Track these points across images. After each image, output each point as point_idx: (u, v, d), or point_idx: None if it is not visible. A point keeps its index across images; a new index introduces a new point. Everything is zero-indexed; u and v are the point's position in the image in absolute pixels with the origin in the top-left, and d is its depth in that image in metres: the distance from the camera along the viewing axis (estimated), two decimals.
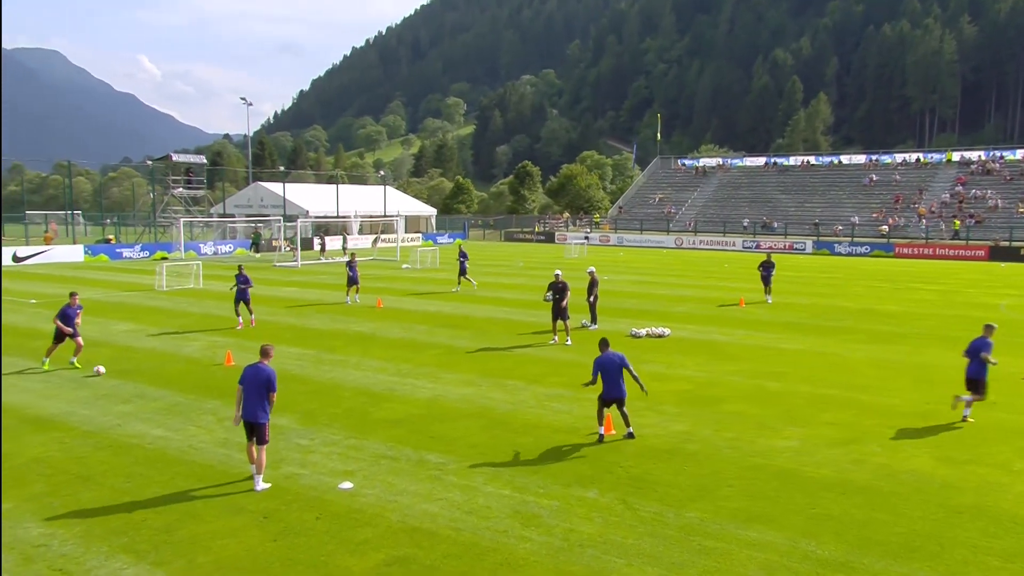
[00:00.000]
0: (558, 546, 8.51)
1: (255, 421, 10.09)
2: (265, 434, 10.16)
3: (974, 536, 8.79)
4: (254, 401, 10.12)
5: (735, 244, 67.33)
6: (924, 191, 72.44)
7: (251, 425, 10.14)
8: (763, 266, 29.32)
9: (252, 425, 10.13)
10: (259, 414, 10.09)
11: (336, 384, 15.97)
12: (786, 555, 8.28)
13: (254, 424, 10.11)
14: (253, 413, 10.09)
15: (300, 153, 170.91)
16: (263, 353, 10.58)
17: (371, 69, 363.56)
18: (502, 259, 53.82)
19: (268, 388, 10.18)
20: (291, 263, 46.73)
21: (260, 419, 10.09)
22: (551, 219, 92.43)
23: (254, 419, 10.08)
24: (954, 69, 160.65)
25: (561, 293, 20.37)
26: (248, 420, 10.13)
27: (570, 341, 20.49)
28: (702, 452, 11.70)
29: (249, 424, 10.15)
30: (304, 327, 23.29)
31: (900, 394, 15.26)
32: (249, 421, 10.12)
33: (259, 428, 10.10)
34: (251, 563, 8.07)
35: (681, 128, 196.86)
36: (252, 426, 10.14)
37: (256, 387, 10.16)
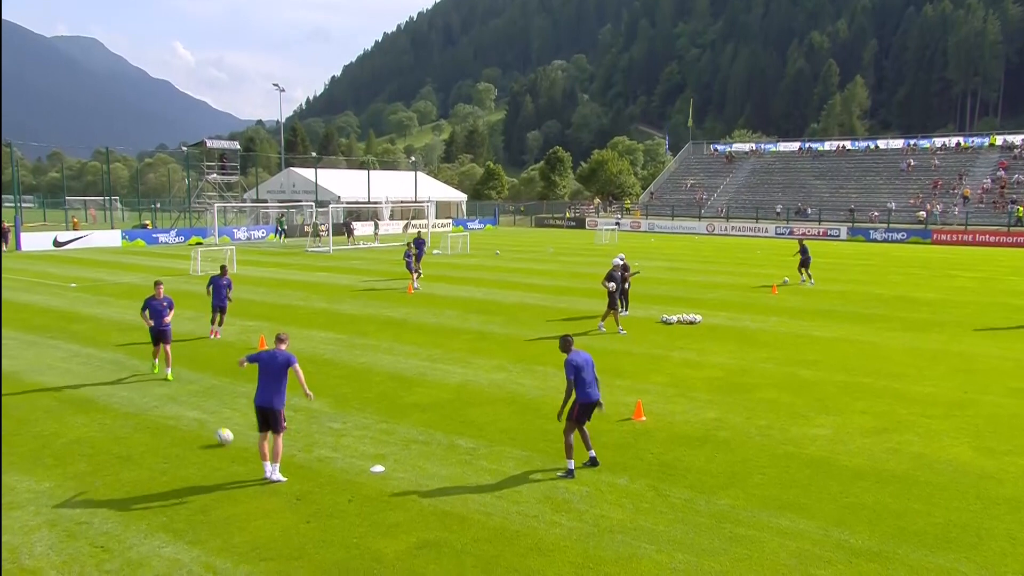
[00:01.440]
0: (588, 531, 8.53)
1: (270, 407, 9.77)
2: (280, 421, 9.87)
3: (1013, 527, 8.64)
4: (271, 387, 9.84)
5: (768, 231, 66.56)
6: (964, 176, 70.90)
7: (265, 412, 9.80)
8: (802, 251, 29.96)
9: (267, 412, 9.79)
10: (275, 400, 9.80)
11: (368, 369, 16.11)
12: (818, 544, 8.22)
13: (268, 411, 9.78)
14: (268, 399, 9.78)
15: (332, 139, 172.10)
16: (278, 340, 10.33)
17: (402, 55, 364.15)
18: (533, 245, 53.77)
19: (286, 371, 9.92)
20: (323, 248, 47.12)
21: (276, 405, 9.79)
22: (582, 205, 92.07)
23: (269, 405, 9.77)
24: (998, 51, 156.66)
25: (621, 280, 19.93)
26: (263, 406, 9.80)
27: (613, 329, 20.03)
28: (734, 439, 11.63)
29: (263, 411, 9.81)
30: (336, 312, 23.50)
31: (937, 383, 15.02)
32: (263, 407, 9.80)
33: (274, 415, 9.79)
34: (285, 543, 8.20)
35: (714, 113, 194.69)
36: (267, 413, 9.80)
37: (274, 372, 9.89)
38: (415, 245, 30.35)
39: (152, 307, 15.01)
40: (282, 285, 29.94)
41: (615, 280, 19.90)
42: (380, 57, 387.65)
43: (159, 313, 14.96)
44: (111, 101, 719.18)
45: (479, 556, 7.96)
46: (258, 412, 9.90)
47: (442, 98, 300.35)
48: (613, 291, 19.79)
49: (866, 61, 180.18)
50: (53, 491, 9.59)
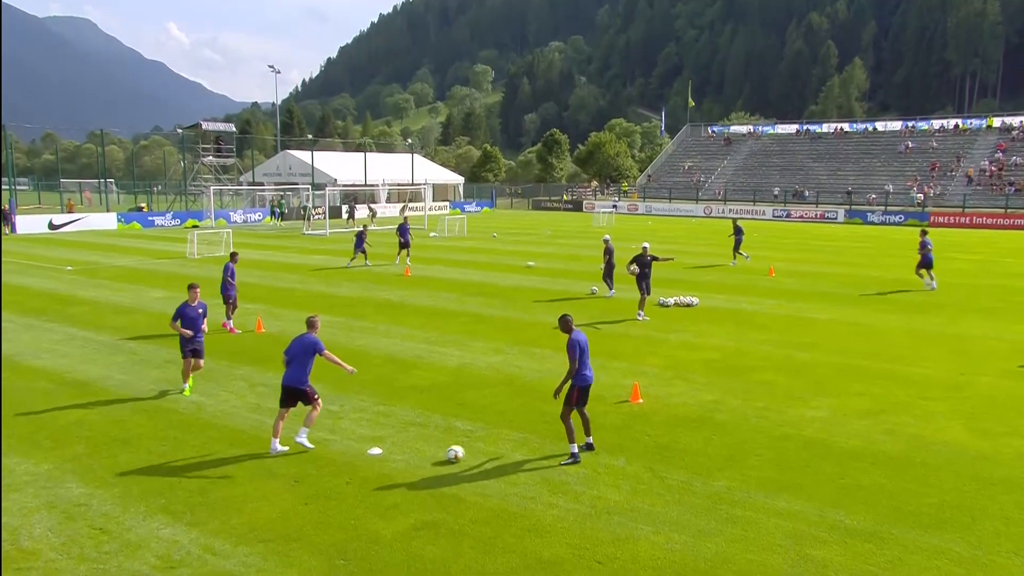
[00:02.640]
0: (585, 513, 8.56)
1: (298, 386, 10.30)
2: (310, 397, 10.39)
3: (1008, 508, 8.70)
4: (299, 369, 10.32)
5: (765, 213, 66.50)
6: (962, 158, 70.80)
7: (293, 391, 10.33)
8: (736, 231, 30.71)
9: (295, 391, 10.33)
10: (304, 379, 10.35)
11: (365, 351, 16.11)
12: (814, 524, 8.26)
13: (297, 390, 10.31)
14: (297, 379, 10.30)
15: (328, 121, 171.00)
16: (310, 325, 10.68)
17: (398, 36, 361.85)
18: (530, 228, 53.69)
19: (314, 353, 10.37)
20: (320, 231, 47.00)
21: (304, 384, 10.34)
22: (579, 188, 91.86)
23: (298, 384, 10.29)
24: (998, 32, 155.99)
25: (649, 266, 19.43)
26: (291, 386, 10.31)
27: (646, 317, 19.45)
28: (730, 421, 11.67)
29: (291, 390, 10.32)
30: (334, 294, 23.48)
31: (933, 365, 15.07)
32: (292, 387, 10.31)
33: (303, 393, 10.35)
34: (283, 525, 8.23)
35: (712, 95, 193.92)
36: (294, 392, 10.33)
37: (302, 355, 10.34)
38: (399, 232, 30.34)
39: (186, 315, 12.79)
40: (280, 268, 29.88)
41: (642, 264, 19.45)
42: (376, 39, 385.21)
43: (194, 321, 12.82)
44: (105, 82, 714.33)
45: (476, 537, 8.00)
46: (285, 391, 10.42)
47: (439, 80, 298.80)
48: (635, 274, 19.52)
49: (865, 43, 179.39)
50: (51, 473, 9.60)
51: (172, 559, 7.53)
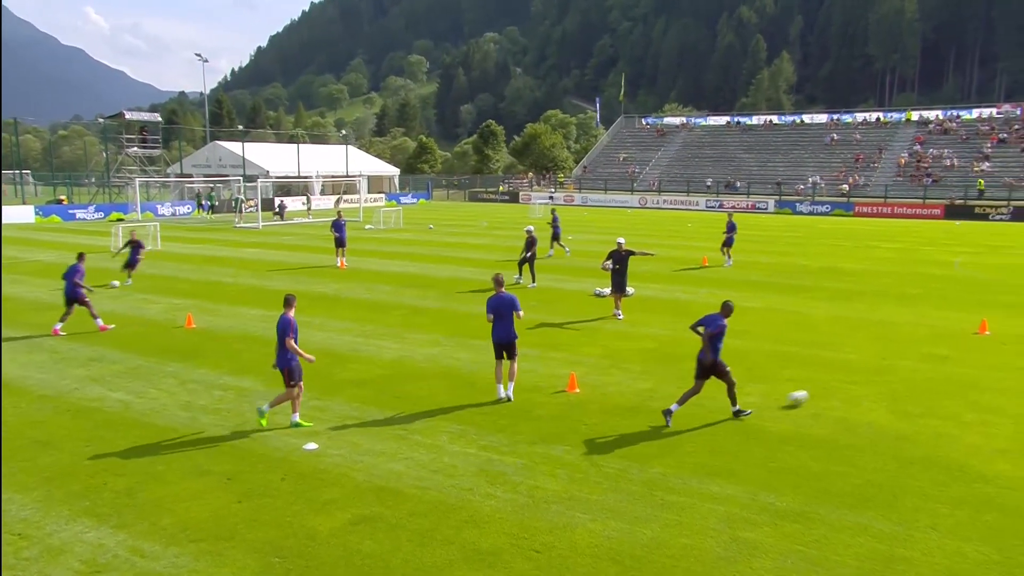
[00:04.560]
0: (523, 503, 8.60)
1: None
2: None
3: (925, 485, 9.06)
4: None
5: (699, 204, 67.73)
6: (884, 150, 73.34)
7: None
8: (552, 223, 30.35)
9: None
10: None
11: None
12: (746, 507, 8.46)
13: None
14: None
15: (259, 112, 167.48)
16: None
17: (331, 25, 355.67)
18: (467, 219, 53.57)
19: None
20: (252, 224, 46.02)
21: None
22: (515, 179, 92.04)
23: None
24: (915, 28, 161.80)
25: (623, 262, 18.55)
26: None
27: (622, 315, 18.72)
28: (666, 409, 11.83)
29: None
30: (266, 288, 23.02)
31: (858, 350, 15.58)
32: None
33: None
34: (215, 524, 8.04)
35: (647, 87, 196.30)
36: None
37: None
38: (334, 227, 28.01)
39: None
40: (209, 262, 29.16)
41: (617, 261, 18.55)
42: (308, 27, 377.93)
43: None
44: (19, 68, 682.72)
45: (414, 530, 7.95)
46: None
47: (373, 70, 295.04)
48: (608, 270, 18.63)
49: (792, 37, 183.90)
50: None
51: (97, 563, 7.29)
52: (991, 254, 33.11)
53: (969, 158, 68.03)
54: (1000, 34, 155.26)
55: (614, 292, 18.78)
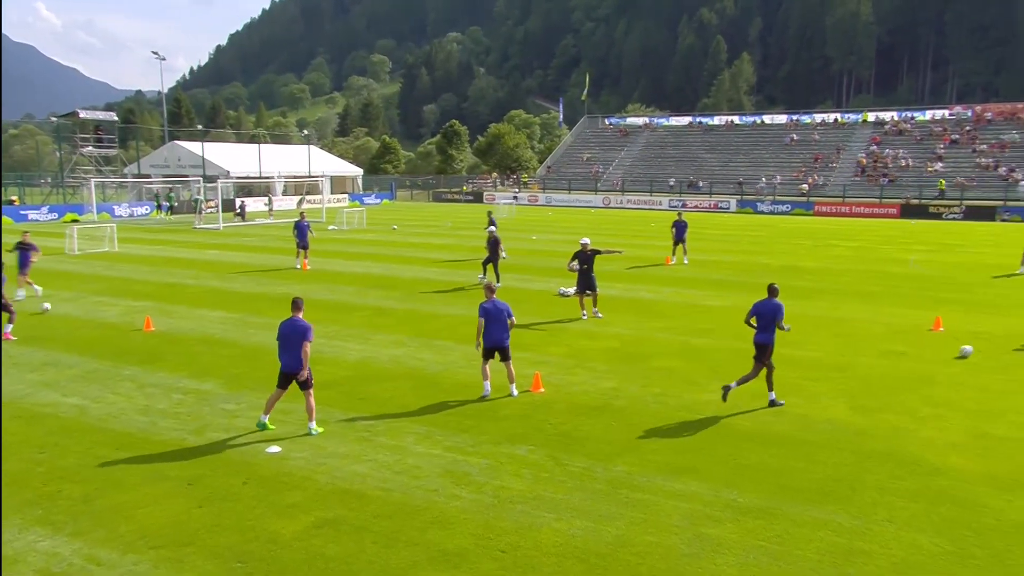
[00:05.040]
0: (488, 503, 8.59)
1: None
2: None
3: (882, 479, 9.24)
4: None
5: (662, 203, 68.27)
6: (842, 150, 74.62)
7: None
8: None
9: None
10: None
11: (262, 347, 15.65)
12: (709, 504, 8.55)
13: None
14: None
15: (219, 111, 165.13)
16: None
17: (292, 24, 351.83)
18: (431, 219, 53.39)
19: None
20: (213, 225, 45.36)
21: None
22: (479, 179, 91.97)
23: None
24: (871, 31, 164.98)
25: (589, 262, 18.31)
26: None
27: (600, 313, 18.76)
28: (630, 407, 11.93)
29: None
30: (227, 290, 22.71)
31: (818, 348, 15.83)
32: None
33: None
34: (175, 530, 7.90)
35: (609, 87, 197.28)
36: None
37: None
38: (297, 231, 27.10)
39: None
40: (169, 263, 28.69)
41: (583, 261, 18.40)
42: (269, 26, 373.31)
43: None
44: None
45: (379, 532, 7.90)
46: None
47: (335, 70, 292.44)
48: (575, 270, 18.55)
49: (752, 38, 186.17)
50: None
51: (52, 572, 7.12)
52: (945, 252, 33.87)
53: (923, 158, 69.52)
54: (951, 38, 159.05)
55: (580, 292, 18.77)
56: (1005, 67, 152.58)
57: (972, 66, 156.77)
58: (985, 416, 11.53)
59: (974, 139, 70.17)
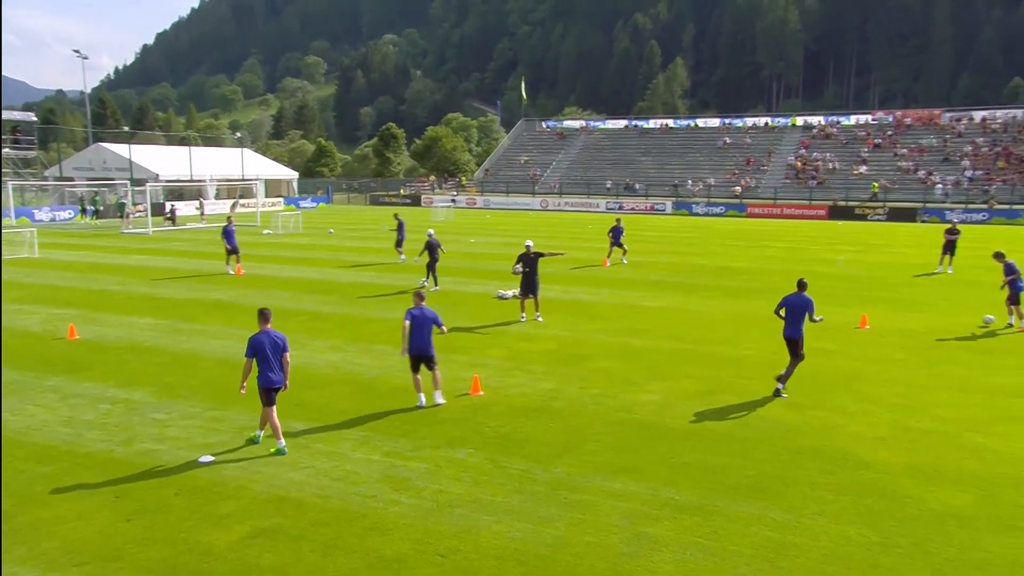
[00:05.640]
0: (428, 507, 8.53)
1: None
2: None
3: (813, 474, 9.49)
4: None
5: (599, 206, 68.98)
6: (773, 153, 76.58)
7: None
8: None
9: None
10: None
11: (195, 354, 15.26)
12: (648, 503, 8.65)
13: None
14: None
15: (147, 113, 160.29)
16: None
17: (223, 24, 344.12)
18: (368, 223, 52.86)
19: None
20: (142, 230, 44.05)
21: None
22: (417, 182, 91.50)
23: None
24: (798, 38, 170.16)
25: (533, 265, 18.32)
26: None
27: (541, 317, 18.71)
28: (569, 409, 12.00)
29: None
30: (157, 296, 22.07)
31: (752, 346, 16.19)
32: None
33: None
34: (102, 545, 7.63)
35: (546, 90, 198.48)
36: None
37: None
38: (225, 236, 26.62)
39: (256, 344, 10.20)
40: (94, 269, 27.74)
41: (527, 263, 18.41)
42: (198, 25, 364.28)
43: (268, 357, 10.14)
44: None
45: (316, 540, 7.77)
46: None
47: (268, 71, 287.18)
48: (518, 273, 18.55)
49: (686, 43, 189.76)
50: None
51: None
52: (870, 252, 35.03)
53: (849, 161, 71.85)
54: (873, 46, 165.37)
55: (523, 295, 18.78)
56: (923, 74, 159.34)
57: (893, 73, 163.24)
58: (909, 410, 11.95)
59: (895, 143, 72.85)
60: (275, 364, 10.03)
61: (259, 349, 9.99)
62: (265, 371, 9.97)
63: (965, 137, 70.80)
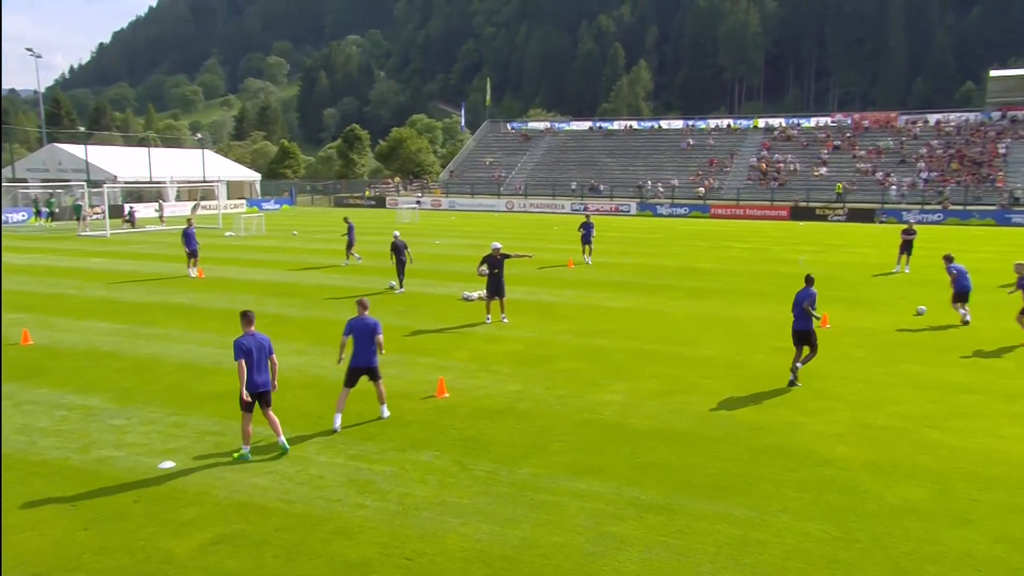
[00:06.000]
0: (393, 511, 8.48)
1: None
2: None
3: (776, 472, 9.62)
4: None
5: (564, 207, 69.21)
6: (735, 155, 77.51)
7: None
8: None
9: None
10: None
11: (156, 359, 15.01)
12: (612, 503, 8.70)
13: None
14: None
15: (104, 113, 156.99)
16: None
17: (183, 23, 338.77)
18: (331, 225, 52.43)
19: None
20: (100, 232, 43.22)
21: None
22: (382, 184, 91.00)
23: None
24: (759, 41, 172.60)
25: (500, 266, 18.29)
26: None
27: (506, 319, 18.70)
28: (534, 410, 12.02)
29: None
30: (117, 300, 21.67)
31: (715, 346, 16.36)
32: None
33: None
34: (57, 555, 7.46)
35: (511, 92, 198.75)
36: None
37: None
38: (185, 239, 26.16)
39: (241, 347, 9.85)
40: (51, 273, 27.15)
41: (492, 265, 18.34)
42: (157, 24, 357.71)
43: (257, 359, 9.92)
44: None
45: (280, 546, 7.69)
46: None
47: (229, 71, 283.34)
48: (484, 275, 18.48)
49: (649, 45, 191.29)
50: None
51: None
52: (831, 252, 35.62)
53: (810, 163, 72.99)
54: (831, 50, 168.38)
55: (490, 297, 18.75)
56: (880, 78, 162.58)
57: (850, 76, 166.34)
58: (868, 407, 12.17)
59: (854, 145, 74.17)
60: (262, 366, 9.86)
61: (246, 352, 9.71)
62: (251, 374, 9.74)
63: (920, 139, 72.33)
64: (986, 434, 10.97)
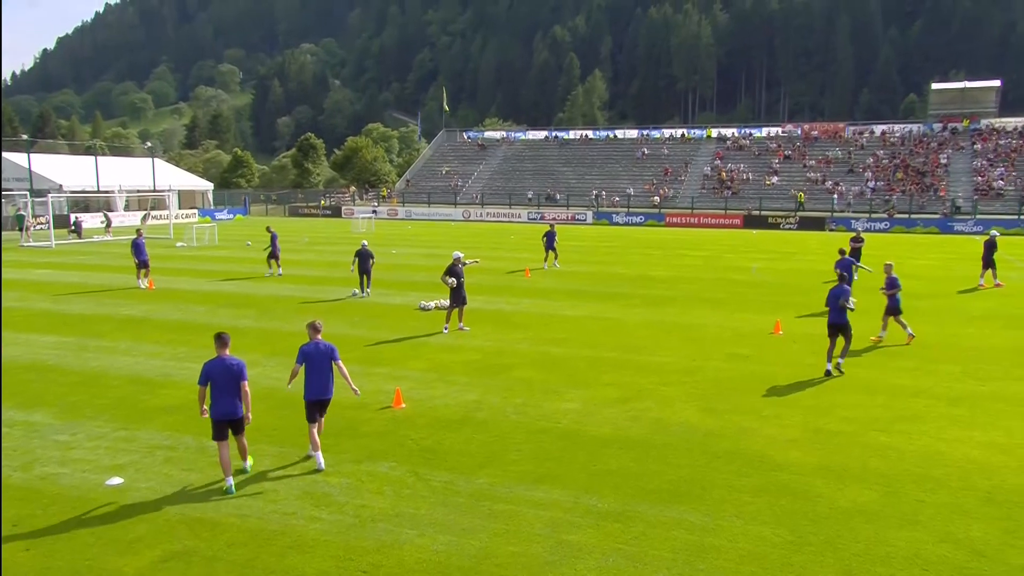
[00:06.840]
0: (349, 523, 8.38)
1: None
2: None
3: (730, 477, 9.74)
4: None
5: (521, 216, 69.40)
6: (689, 164, 78.55)
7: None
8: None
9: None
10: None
11: (102, 373, 14.64)
12: (570, 511, 8.71)
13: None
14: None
15: (48, 120, 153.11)
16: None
17: (131, 30, 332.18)
18: (286, 235, 51.80)
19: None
20: (44, 243, 42.10)
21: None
22: (337, 193, 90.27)
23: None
24: (711, 52, 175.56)
25: (462, 275, 18.40)
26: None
27: (464, 326, 18.82)
28: (491, 419, 12.00)
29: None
30: (62, 312, 21.11)
31: (670, 353, 16.52)
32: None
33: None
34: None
35: (467, 101, 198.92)
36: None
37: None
38: (134, 249, 25.63)
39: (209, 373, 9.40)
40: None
41: (456, 275, 18.38)
42: (104, 30, 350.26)
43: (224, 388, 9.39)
44: None
45: (233, 561, 7.54)
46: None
47: (180, 79, 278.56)
48: (453, 286, 18.38)
49: (603, 55, 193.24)
50: None
51: None
52: (783, 260, 36.27)
53: (761, 172, 74.33)
54: (781, 61, 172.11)
55: (453, 306, 18.72)
56: (827, 89, 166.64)
57: (800, 87, 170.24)
58: (819, 412, 12.40)
59: (804, 155, 75.75)
60: (234, 393, 9.23)
61: (213, 377, 9.19)
62: (221, 401, 9.19)
63: (867, 149, 74.17)
64: (931, 437, 11.25)
